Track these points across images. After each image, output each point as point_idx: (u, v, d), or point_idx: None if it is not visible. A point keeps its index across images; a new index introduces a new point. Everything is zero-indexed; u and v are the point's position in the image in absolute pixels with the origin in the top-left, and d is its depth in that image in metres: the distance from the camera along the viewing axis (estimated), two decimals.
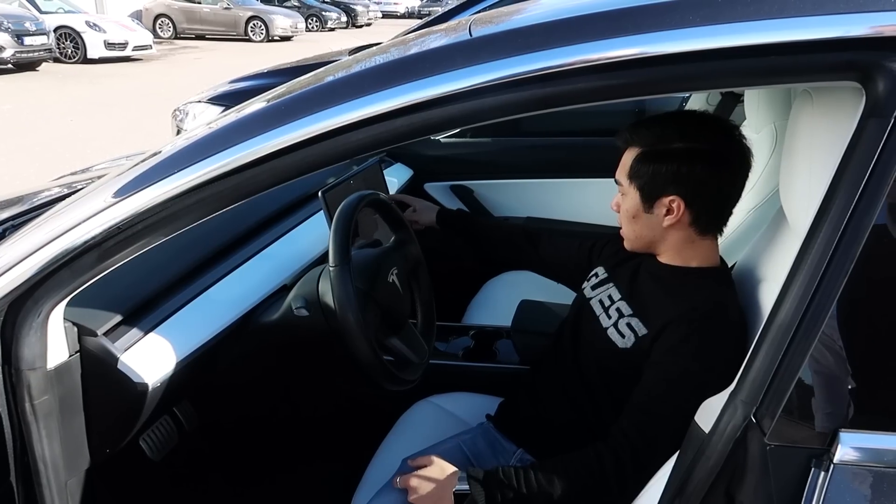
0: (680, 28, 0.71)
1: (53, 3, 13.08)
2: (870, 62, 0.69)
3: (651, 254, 1.24)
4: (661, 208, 1.14)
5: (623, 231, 1.24)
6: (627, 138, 1.17)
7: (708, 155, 1.11)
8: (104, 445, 1.10)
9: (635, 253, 1.28)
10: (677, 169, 1.11)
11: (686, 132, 1.12)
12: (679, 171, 1.11)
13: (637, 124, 1.17)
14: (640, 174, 1.14)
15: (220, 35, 17.61)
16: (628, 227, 1.22)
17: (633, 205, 1.18)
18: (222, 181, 0.85)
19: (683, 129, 1.13)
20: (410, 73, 0.79)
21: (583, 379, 1.24)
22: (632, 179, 1.16)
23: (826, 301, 0.71)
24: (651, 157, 1.13)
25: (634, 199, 1.17)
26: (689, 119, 1.19)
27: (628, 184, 1.17)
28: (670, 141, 1.12)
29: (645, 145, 1.14)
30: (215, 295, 1.28)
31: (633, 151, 1.16)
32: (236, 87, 3.61)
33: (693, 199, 1.12)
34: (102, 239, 0.88)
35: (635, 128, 1.16)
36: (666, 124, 1.15)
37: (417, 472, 1.18)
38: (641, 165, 1.14)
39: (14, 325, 0.92)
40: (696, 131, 1.12)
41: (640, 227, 1.19)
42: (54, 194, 1.61)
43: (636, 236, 1.22)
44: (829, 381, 0.74)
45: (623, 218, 1.22)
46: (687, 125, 1.15)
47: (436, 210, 1.67)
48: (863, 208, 0.69)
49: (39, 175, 5.05)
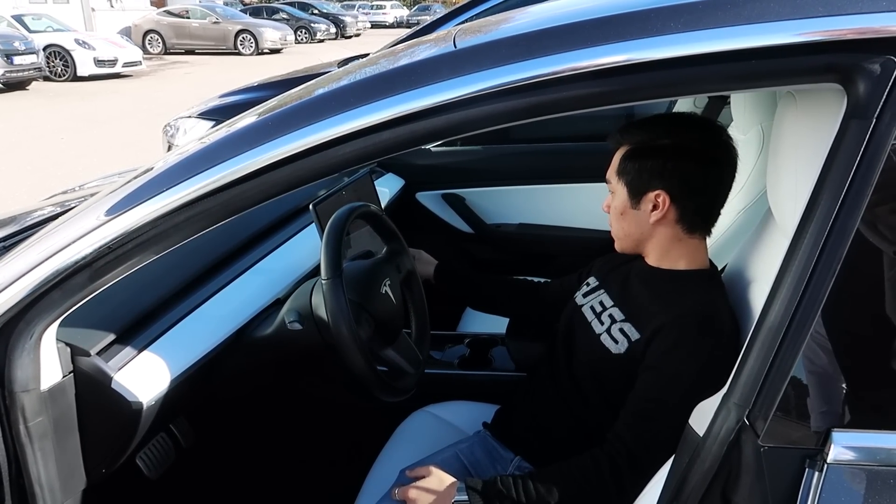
0: (662, 35, 0.72)
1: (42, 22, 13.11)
2: (850, 64, 0.70)
3: (640, 257, 1.25)
4: (647, 204, 1.16)
5: (612, 231, 1.26)
6: (618, 139, 1.20)
7: (694, 152, 1.13)
8: (100, 465, 1.09)
9: (625, 260, 1.28)
10: (663, 164, 1.13)
11: (673, 130, 1.16)
12: (665, 165, 1.13)
13: (627, 125, 1.20)
14: (628, 170, 1.17)
15: (209, 49, 17.66)
16: (617, 225, 1.24)
17: (621, 201, 1.20)
18: (213, 197, 0.85)
19: (670, 128, 1.17)
20: (396, 86, 0.79)
21: (577, 386, 1.24)
22: (620, 176, 1.19)
23: (815, 301, 0.71)
24: (638, 153, 1.16)
25: (622, 195, 1.19)
26: (676, 119, 1.23)
27: (616, 180, 1.19)
28: (658, 138, 1.15)
29: (633, 143, 1.17)
30: (208, 311, 1.28)
31: (623, 150, 1.19)
32: (227, 102, 3.61)
33: (679, 195, 1.14)
34: (93, 259, 0.88)
35: (626, 128, 1.19)
36: (655, 123, 1.18)
37: (416, 483, 1.18)
38: (629, 162, 1.17)
39: (6, 347, 0.92)
40: (683, 130, 1.16)
41: (628, 223, 1.21)
42: (46, 213, 1.61)
43: (624, 234, 1.23)
44: (821, 381, 0.75)
45: (612, 216, 1.24)
46: (674, 124, 1.18)
47: (434, 265, 1.62)
48: (848, 208, 0.70)
49: (31, 194, 5.03)
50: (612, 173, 1.21)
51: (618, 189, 1.20)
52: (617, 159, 1.19)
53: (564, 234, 2.67)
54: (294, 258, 1.60)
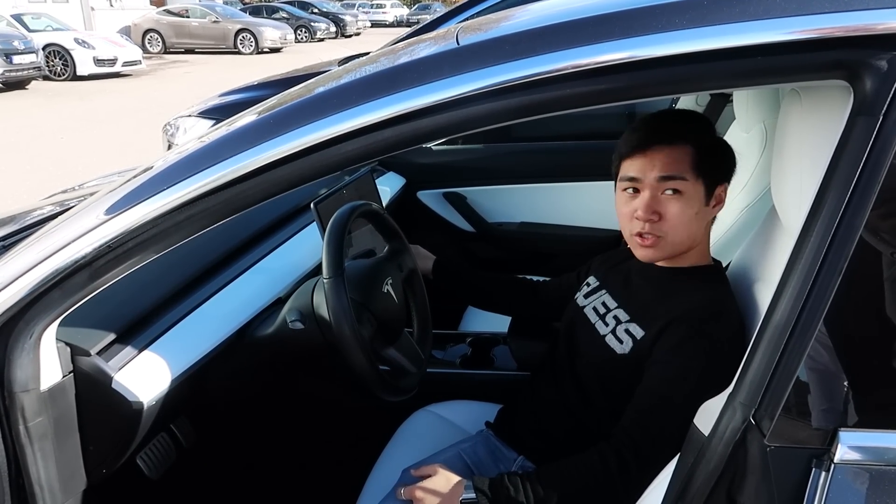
0: (667, 31, 0.71)
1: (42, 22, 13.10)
2: (857, 61, 0.69)
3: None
4: (713, 199, 1.15)
5: (673, 237, 1.13)
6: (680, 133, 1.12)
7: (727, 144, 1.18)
8: (101, 466, 1.08)
9: (624, 258, 1.28)
10: (725, 155, 1.16)
11: (706, 125, 1.17)
12: (727, 157, 1.16)
13: (676, 119, 1.19)
14: (705, 168, 1.11)
15: (209, 48, 17.64)
16: (685, 230, 1.13)
17: (698, 201, 1.12)
18: (214, 196, 0.84)
19: (704, 123, 1.18)
20: (398, 84, 0.79)
21: (581, 388, 1.23)
22: (698, 174, 1.11)
23: (821, 300, 0.71)
24: (710, 148, 1.13)
25: (699, 194, 1.11)
26: (695, 115, 1.24)
27: (695, 179, 1.10)
28: (708, 132, 1.16)
29: (696, 140, 1.12)
30: (209, 310, 1.27)
31: (688, 148, 1.11)
32: (226, 101, 3.61)
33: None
34: (93, 258, 0.87)
35: (679, 121, 1.17)
36: (689, 118, 1.18)
37: (422, 483, 1.17)
38: (706, 157, 1.12)
39: (6, 347, 0.91)
40: (708, 125, 1.18)
41: (698, 224, 1.14)
42: (46, 213, 1.60)
43: (689, 237, 1.14)
44: (828, 381, 0.74)
45: (680, 221, 1.12)
46: (701, 120, 1.19)
47: (432, 260, 1.61)
48: (854, 206, 0.69)
49: (31, 193, 5.04)
50: (685, 171, 1.10)
51: (693, 188, 1.11)
52: (686, 157, 1.10)
53: (566, 232, 2.66)
54: (295, 257, 1.60)
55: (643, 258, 1.18)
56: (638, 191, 1.14)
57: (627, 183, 1.15)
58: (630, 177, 1.14)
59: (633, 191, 1.15)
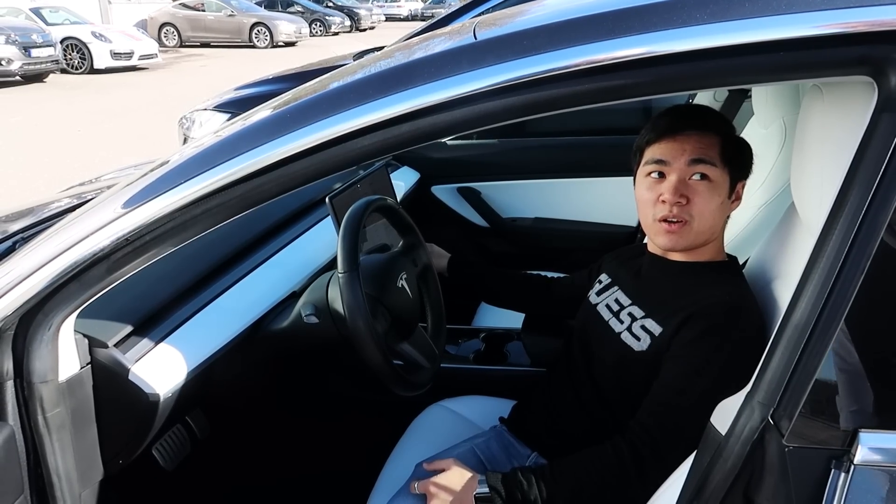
0: (688, 26, 0.70)
1: (59, 15, 13.20)
2: (882, 56, 0.68)
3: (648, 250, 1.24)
4: (734, 195, 1.15)
5: (699, 224, 1.12)
6: (710, 123, 1.12)
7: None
8: (117, 456, 1.10)
9: (635, 254, 1.27)
10: (746, 153, 1.16)
11: (729, 122, 1.18)
12: (747, 153, 1.17)
13: (704, 110, 1.20)
14: (732, 158, 1.12)
15: (224, 42, 17.70)
16: (710, 217, 1.12)
17: (723, 192, 1.12)
18: (230, 190, 0.85)
19: (727, 120, 1.18)
20: (415, 78, 0.78)
21: (597, 386, 1.22)
22: (726, 164, 1.11)
23: (843, 299, 0.70)
24: (735, 141, 1.15)
25: (725, 185, 1.12)
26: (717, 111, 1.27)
27: (722, 167, 1.10)
28: (732, 128, 1.16)
29: (724, 131, 1.13)
30: (225, 304, 1.28)
31: (715, 136, 1.11)
32: (242, 94, 3.62)
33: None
34: (111, 251, 0.88)
35: (708, 112, 1.19)
36: (714, 112, 1.20)
37: (436, 477, 1.17)
38: (733, 149, 1.12)
39: (25, 338, 0.92)
40: (730, 123, 1.18)
41: (720, 216, 1.14)
42: (63, 206, 1.61)
43: (710, 228, 1.14)
44: (848, 381, 0.73)
45: (707, 207, 1.11)
46: (723, 116, 1.21)
47: (447, 258, 1.61)
48: (878, 205, 0.68)
49: (49, 186, 5.08)
50: (714, 158, 1.10)
51: (720, 178, 1.10)
52: (717, 145, 1.10)
53: (580, 228, 2.65)
54: (310, 251, 1.60)
55: (665, 246, 1.16)
56: (664, 175, 1.13)
57: (653, 166, 1.14)
58: (657, 159, 1.13)
59: (658, 175, 1.13)
